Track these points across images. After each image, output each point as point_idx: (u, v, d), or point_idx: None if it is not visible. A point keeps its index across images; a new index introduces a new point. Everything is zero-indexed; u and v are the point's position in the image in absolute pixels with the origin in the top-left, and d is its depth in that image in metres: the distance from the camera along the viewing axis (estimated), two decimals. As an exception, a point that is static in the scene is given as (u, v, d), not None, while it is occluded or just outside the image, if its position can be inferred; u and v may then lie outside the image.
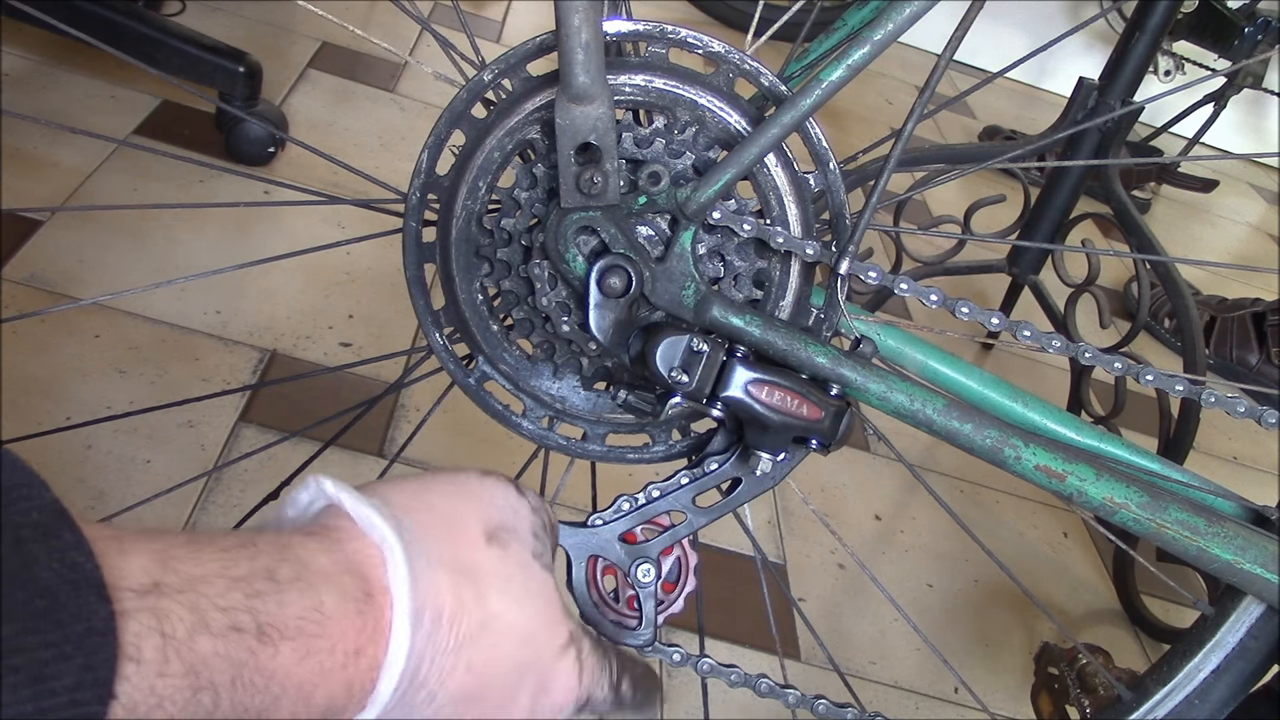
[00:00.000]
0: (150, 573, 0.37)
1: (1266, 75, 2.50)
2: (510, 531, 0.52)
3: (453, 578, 0.47)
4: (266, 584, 0.40)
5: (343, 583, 0.42)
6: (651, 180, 0.61)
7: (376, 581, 0.44)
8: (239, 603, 0.38)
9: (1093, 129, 1.41)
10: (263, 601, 0.39)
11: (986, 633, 1.32)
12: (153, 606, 0.36)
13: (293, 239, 1.53)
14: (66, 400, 1.17)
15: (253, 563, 0.40)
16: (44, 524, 0.34)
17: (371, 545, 0.45)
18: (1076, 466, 0.65)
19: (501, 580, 0.49)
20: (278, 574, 0.40)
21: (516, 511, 0.54)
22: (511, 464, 1.25)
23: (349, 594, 0.42)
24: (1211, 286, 2.25)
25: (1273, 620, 0.70)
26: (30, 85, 1.65)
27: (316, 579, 0.42)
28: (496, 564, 0.50)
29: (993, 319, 0.65)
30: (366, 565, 0.44)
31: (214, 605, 0.37)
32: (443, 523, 0.49)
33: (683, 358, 0.62)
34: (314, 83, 1.94)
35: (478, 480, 0.54)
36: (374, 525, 0.45)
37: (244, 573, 0.39)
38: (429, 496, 0.51)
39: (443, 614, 0.46)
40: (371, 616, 0.43)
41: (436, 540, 0.48)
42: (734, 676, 0.71)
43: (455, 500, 0.51)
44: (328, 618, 0.41)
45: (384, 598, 0.44)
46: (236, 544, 0.41)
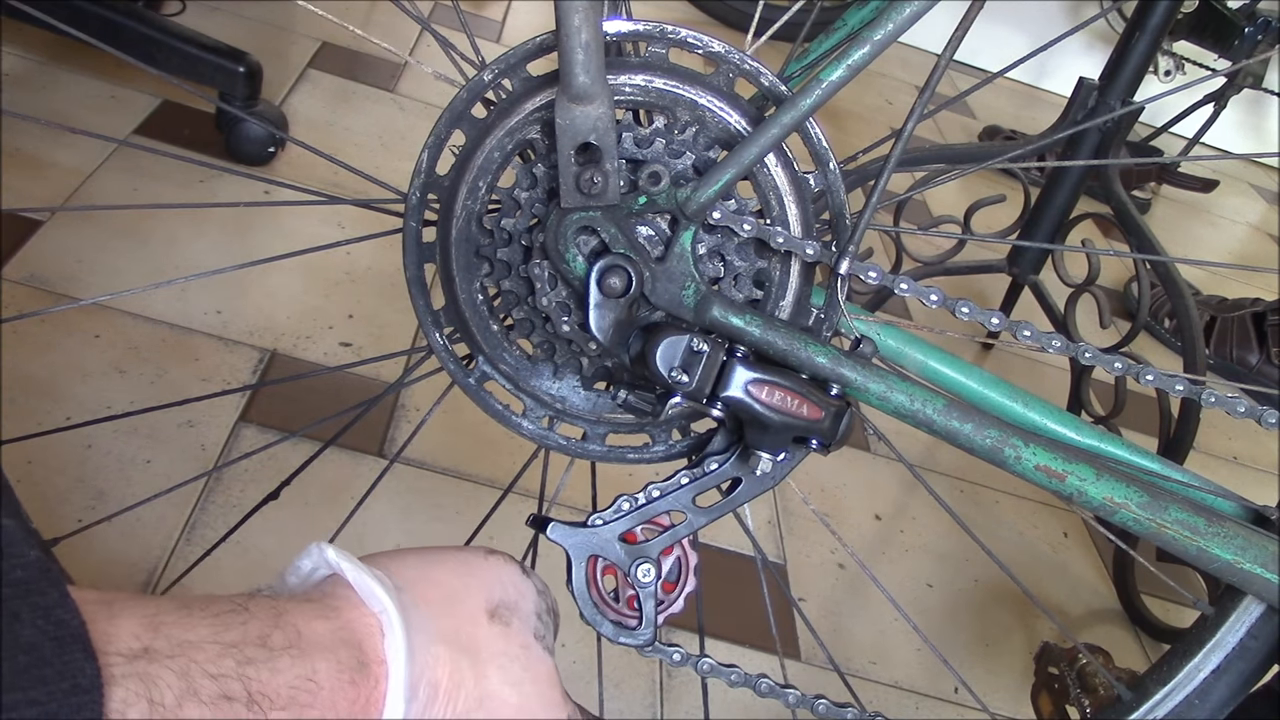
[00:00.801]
0: (140, 637, 0.36)
1: (1266, 75, 2.50)
2: (513, 610, 0.52)
3: (452, 652, 0.47)
4: (259, 650, 0.39)
5: (338, 652, 0.42)
6: (651, 180, 0.61)
7: (373, 652, 0.43)
8: (230, 670, 0.38)
9: (1093, 129, 1.40)
10: (255, 669, 0.39)
11: (986, 633, 1.32)
12: (141, 672, 0.35)
13: (293, 239, 1.53)
14: (66, 400, 1.17)
15: (245, 628, 0.40)
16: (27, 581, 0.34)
17: (370, 615, 0.44)
18: (1076, 466, 0.65)
19: (502, 658, 0.49)
20: (271, 641, 0.40)
21: (520, 591, 0.53)
22: (511, 464, 1.26)
23: (344, 664, 0.42)
24: (1211, 286, 2.25)
25: (1273, 620, 0.70)
26: (30, 85, 1.65)
27: (310, 647, 0.41)
28: (497, 642, 0.49)
29: (993, 319, 0.65)
30: (363, 635, 0.43)
31: (204, 672, 0.37)
32: (445, 597, 0.49)
33: (683, 358, 0.62)
34: (314, 83, 1.94)
35: (482, 558, 0.53)
36: (374, 595, 0.44)
37: (236, 639, 0.39)
38: (432, 571, 0.50)
39: (439, 688, 0.46)
40: (365, 687, 0.42)
41: (437, 614, 0.47)
42: (734, 676, 0.71)
43: (459, 576, 0.51)
44: (320, 687, 0.40)
45: (379, 669, 0.43)
46: (229, 609, 0.40)
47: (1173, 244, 2.56)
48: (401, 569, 0.49)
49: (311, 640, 0.41)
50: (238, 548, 1.07)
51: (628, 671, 1.12)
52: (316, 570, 0.47)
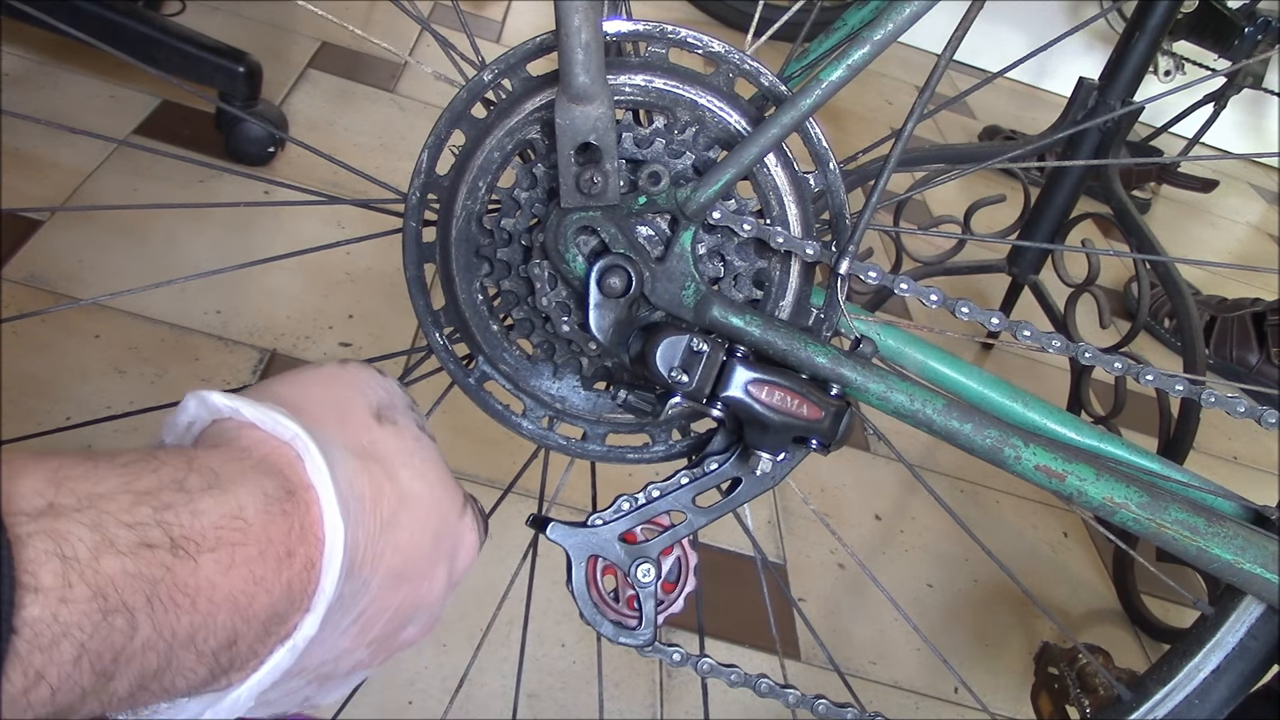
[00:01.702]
0: (44, 494, 0.34)
1: (1266, 75, 2.50)
2: (392, 409, 0.52)
3: (362, 462, 0.46)
4: (176, 495, 0.37)
5: (262, 484, 0.40)
6: (651, 180, 0.61)
7: (297, 479, 0.42)
8: (147, 517, 0.36)
9: (1093, 129, 1.40)
10: (174, 514, 0.37)
11: (986, 633, 1.32)
12: (49, 529, 0.33)
13: (293, 239, 1.53)
14: (66, 400, 1.17)
15: (157, 475, 0.38)
16: None
17: (282, 445, 0.43)
18: (1076, 466, 0.65)
19: (403, 456, 0.49)
20: (187, 484, 0.38)
21: (389, 390, 0.54)
22: (511, 464, 1.26)
23: (270, 495, 0.40)
24: (1211, 286, 2.25)
25: (1273, 620, 0.70)
26: (30, 85, 1.65)
27: (231, 484, 0.39)
28: (394, 441, 0.50)
29: (993, 319, 0.65)
30: (283, 464, 0.42)
31: (119, 521, 0.35)
32: (333, 413, 0.48)
33: (683, 358, 0.62)
34: (314, 83, 1.94)
35: (341, 368, 0.53)
36: (281, 424, 0.43)
37: (149, 486, 0.37)
38: (310, 391, 0.50)
39: (364, 498, 0.45)
40: (297, 515, 0.41)
41: (335, 429, 0.47)
42: (734, 676, 0.71)
43: (334, 390, 0.51)
44: (249, 523, 0.39)
45: (307, 494, 0.42)
46: (137, 459, 0.38)
47: (1173, 244, 2.56)
48: (282, 395, 0.48)
49: (230, 478, 0.40)
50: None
51: (628, 671, 1.12)
52: (196, 422, 0.45)
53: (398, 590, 0.48)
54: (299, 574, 0.41)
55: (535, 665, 1.08)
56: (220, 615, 0.38)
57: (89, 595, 0.33)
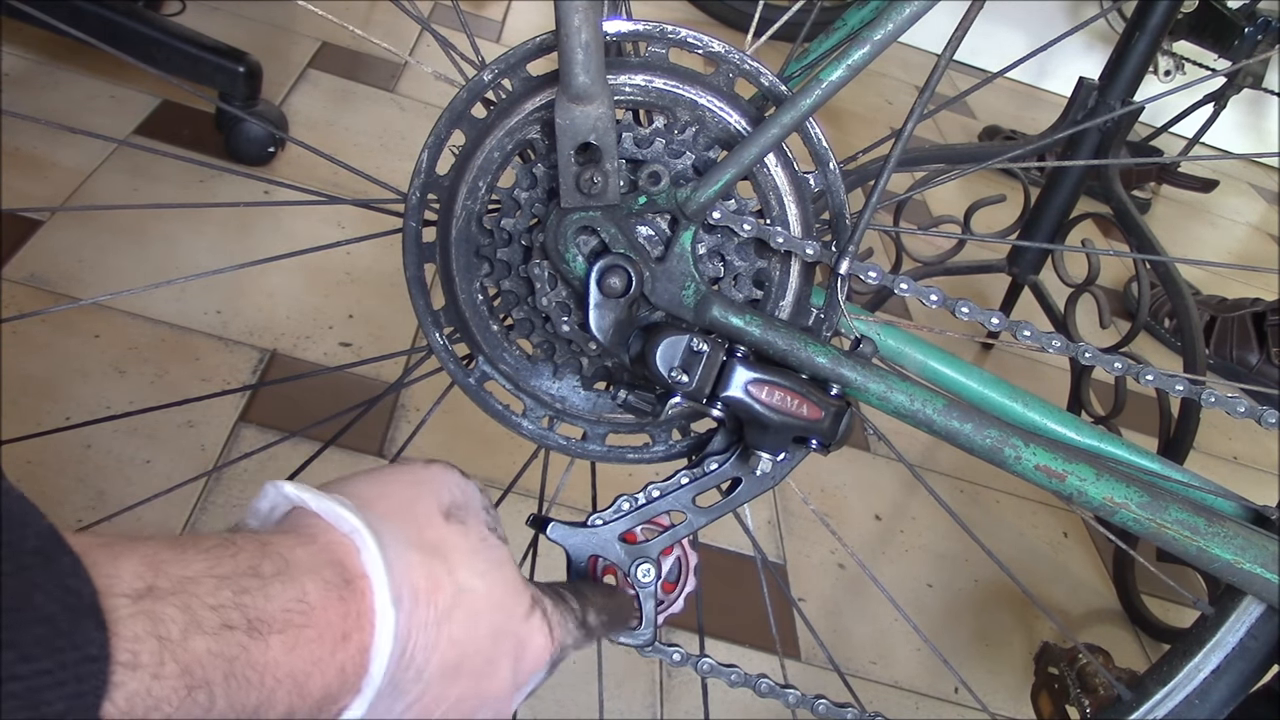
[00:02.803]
0: (143, 577, 0.37)
1: (1266, 75, 2.50)
2: (464, 508, 0.54)
3: (423, 556, 0.49)
4: (252, 580, 0.41)
5: (323, 573, 0.44)
6: (651, 180, 0.61)
7: (354, 569, 0.45)
8: (228, 600, 0.39)
9: (1093, 129, 1.40)
10: (251, 597, 0.40)
11: (986, 633, 1.32)
12: (148, 610, 0.36)
13: (293, 239, 1.53)
14: (66, 400, 1.17)
15: (236, 561, 0.41)
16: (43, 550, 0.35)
17: (342, 536, 0.46)
18: (1076, 466, 0.65)
19: (467, 554, 0.51)
20: (261, 569, 0.42)
21: (466, 491, 0.56)
22: (511, 464, 1.26)
23: (330, 583, 0.44)
24: (1211, 286, 2.25)
25: (1273, 620, 0.70)
26: (30, 85, 1.65)
27: (298, 571, 0.43)
28: (459, 539, 0.52)
29: (993, 319, 0.65)
30: (342, 555, 0.45)
31: (205, 604, 0.38)
32: (403, 507, 0.51)
33: (683, 358, 0.62)
34: (314, 83, 1.94)
35: (423, 467, 0.56)
36: (341, 517, 0.46)
37: (229, 571, 0.40)
38: (384, 487, 0.53)
39: (419, 591, 0.48)
40: (354, 602, 0.44)
41: (401, 523, 0.50)
42: (734, 676, 0.71)
43: (409, 487, 0.53)
44: (313, 607, 0.42)
45: (363, 583, 0.45)
46: (217, 544, 0.42)
47: (1173, 244, 2.56)
48: (356, 490, 0.51)
49: (297, 565, 0.43)
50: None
51: (628, 671, 1.12)
52: (276, 509, 0.48)
53: (454, 683, 0.50)
54: (352, 657, 0.44)
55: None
56: (281, 692, 0.41)
57: (178, 672, 0.36)
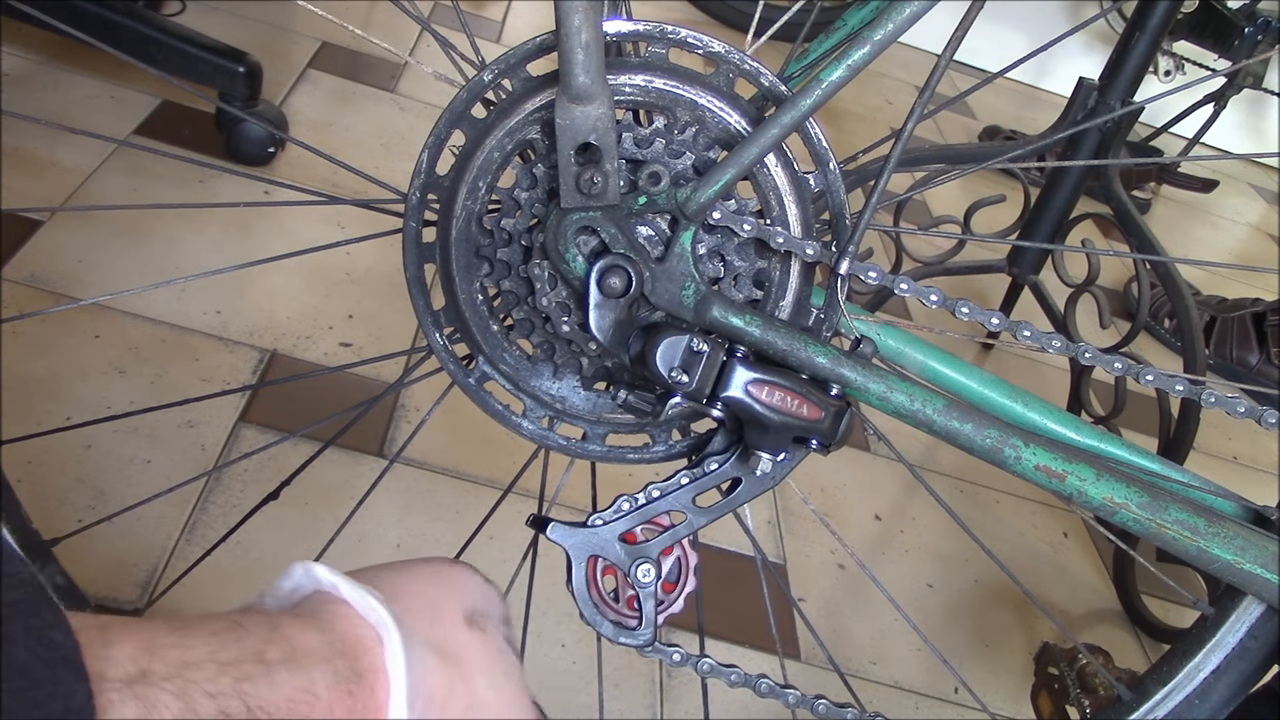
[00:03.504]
0: (137, 661, 0.36)
1: (1266, 75, 2.50)
2: (486, 616, 0.54)
3: (441, 660, 0.48)
4: (255, 666, 0.40)
5: (333, 663, 0.43)
6: (651, 180, 0.61)
7: (368, 662, 0.44)
8: (228, 687, 0.38)
9: (1093, 129, 1.40)
10: (253, 684, 0.39)
11: (986, 633, 1.32)
12: (140, 695, 0.35)
13: (293, 239, 1.53)
14: (66, 400, 1.17)
15: (240, 645, 0.40)
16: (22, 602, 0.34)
17: (365, 627, 0.45)
18: (1076, 466, 0.65)
19: (485, 664, 0.51)
20: (267, 655, 0.41)
21: (488, 598, 0.56)
22: (511, 464, 1.26)
23: (339, 674, 0.42)
24: (1211, 286, 2.25)
25: (1273, 620, 0.70)
26: (30, 85, 1.65)
27: (306, 660, 0.42)
28: (478, 648, 0.51)
29: (993, 319, 0.65)
30: (358, 647, 0.44)
31: (203, 691, 0.37)
32: (427, 607, 0.50)
33: (683, 358, 0.62)
34: (314, 83, 1.94)
35: (448, 567, 0.55)
36: (371, 608, 0.45)
37: (232, 656, 0.39)
38: (410, 583, 0.52)
39: (434, 697, 0.47)
40: (362, 697, 0.43)
41: (424, 624, 0.49)
42: (734, 676, 0.71)
43: (434, 586, 0.53)
44: (318, 698, 0.41)
45: (375, 678, 0.44)
46: (224, 627, 0.41)
47: (1173, 244, 2.56)
48: (381, 583, 0.50)
49: (307, 652, 0.42)
50: (238, 548, 1.07)
51: (628, 671, 1.12)
52: (299, 589, 0.47)
53: None
54: None
55: (535, 665, 1.08)
56: None
57: None
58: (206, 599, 1.00)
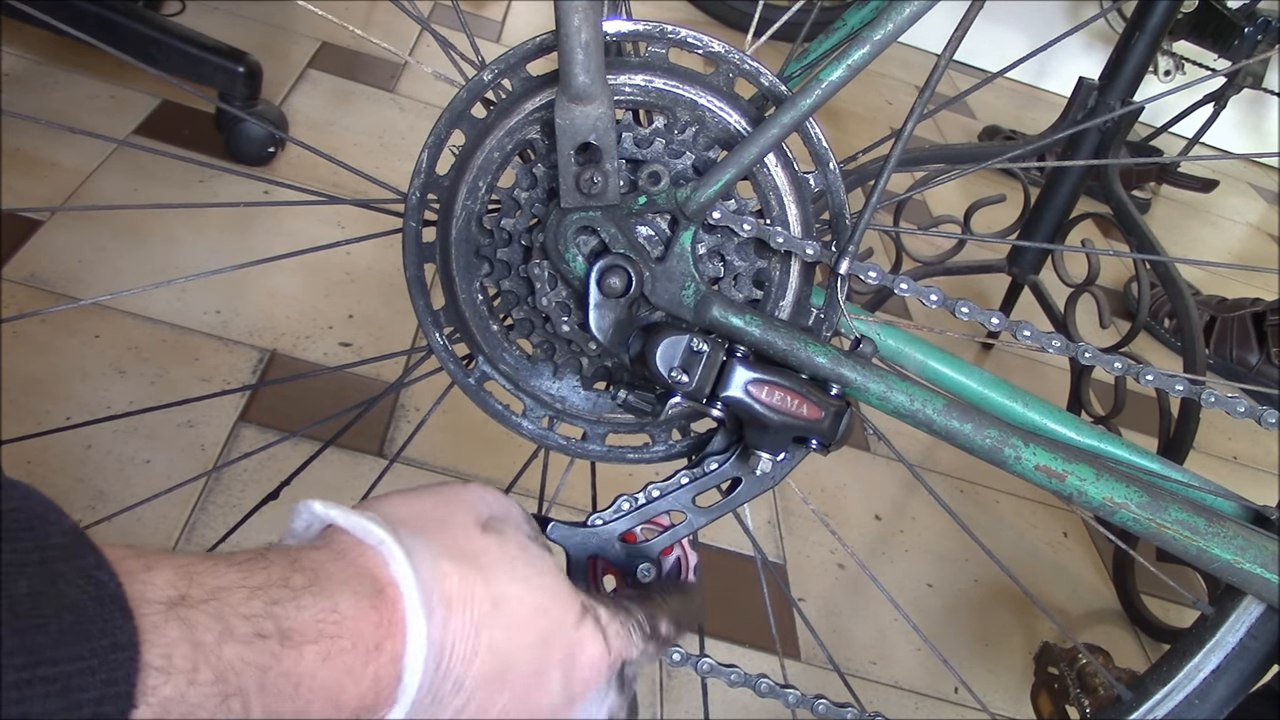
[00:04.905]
0: (176, 585, 0.38)
1: (1266, 75, 2.50)
2: (503, 520, 0.55)
3: (456, 565, 0.49)
4: (283, 591, 0.42)
5: (354, 583, 0.44)
6: (651, 180, 0.61)
7: (385, 579, 0.45)
8: (260, 610, 0.40)
9: (1093, 129, 1.40)
10: (283, 607, 0.41)
11: (986, 633, 1.32)
12: (182, 616, 0.37)
13: (293, 239, 1.53)
14: (66, 400, 1.17)
15: (268, 572, 0.42)
16: (67, 545, 0.35)
17: (371, 549, 0.46)
18: (1076, 466, 0.65)
19: (505, 561, 0.51)
20: (292, 581, 0.42)
21: (505, 505, 0.57)
22: (511, 464, 1.26)
23: (361, 593, 0.44)
24: (1211, 286, 2.25)
25: (1273, 620, 0.70)
26: (30, 85, 1.65)
27: (329, 582, 0.43)
28: (496, 548, 0.52)
29: (993, 319, 0.65)
30: (373, 566, 0.46)
31: (238, 613, 0.39)
32: (436, 521, 0.51)
33: (683, 358, 0.62)
34: (314, 83, 1.94)
35: (461, 486, 0.56)
36: (368, 530, 0.47)
37: (261, 582, 0.41)
38: (418, 504, 0.53)
39: (453, 599, 0.48)
40: (385, 611, 0.44)
41: (433, 535, 0.50)
42: (734, 676, 0.71)
43: (444, 504, 0.54)
44: (345, 617, 0.43)
45: (394, 591, 0.45)
46: (249, 558, 0.42)
47: (1173, 244, 2.56)
48: (388, 507, 0.52)
49: (329, 577, 0.44)
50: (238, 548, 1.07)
51: (628, 671, 1.12)
52: (310, 526, 0.49)
53: (499, 693, 0.50)
54: (385, 667, 0.44)
55: (535, 665, 1.08)
56: (316, 703, 0.41)
57: (213, 679, 0.37)
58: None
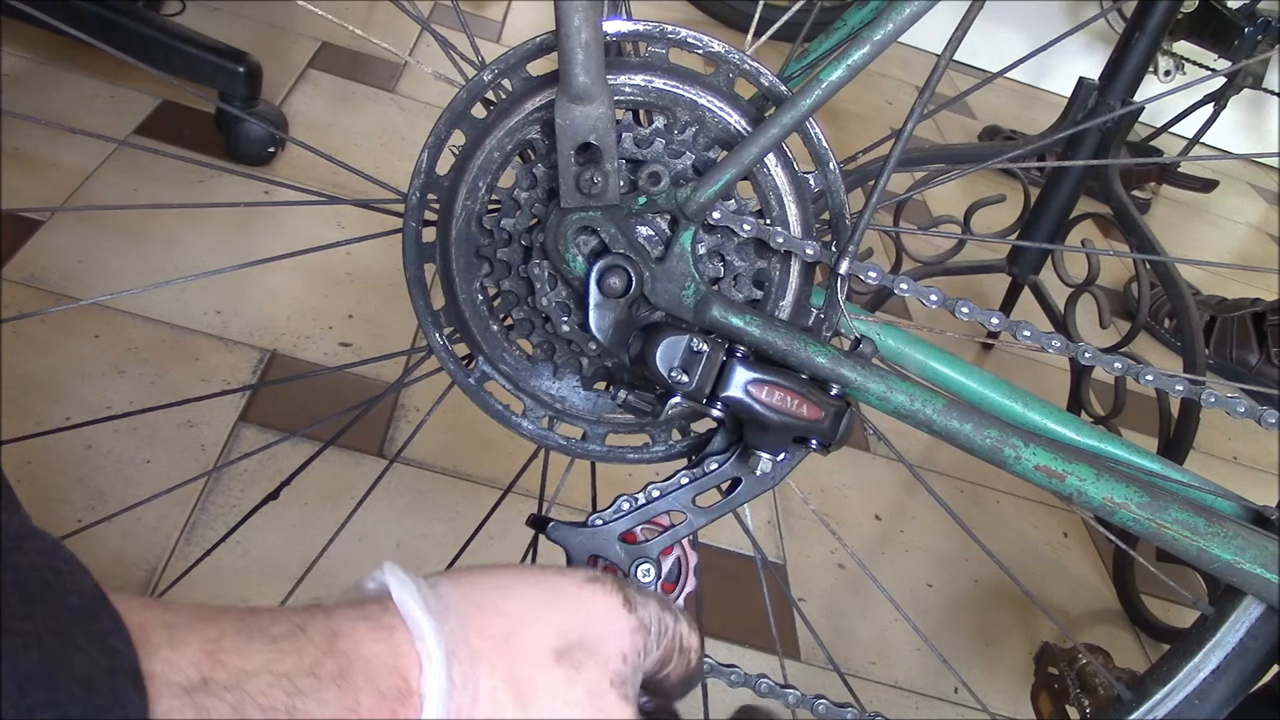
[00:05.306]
0: (200, 667, 0.37)
1: (1266, 75, 2.50)
2: (590, 651, 0.46)
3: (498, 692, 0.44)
4: (309, 681, 0.40)
5: (382, 682, 0.41)
6: (651, 180, 0.61)
7: (414, 683, 0.42)
8: (279, 702, 0.38)
9: (1093, 129, 1.40)
10: (304, 700, 0.39)
11: (986, 633, 1.32)
12: (199, 704, 0.36)
13: (293, 239, 1.53)
14: (66, 400, 1.17)
15: (299, 656, 0.40)
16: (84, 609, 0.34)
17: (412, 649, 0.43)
18: (1076, 466, 0.65)
19: (559, 703, 0.45)
20: (322, 670, 0.40)
21: (610, 629, 0.48)
22: (511, 464, 1.26)
23: (385, 694, 0.41)
24: (1211, 286, 2.25)
25: (1273, 620, 0.70)
26: (30, 85, 1.65)
27: (358, 676, 0.41)
28: (559, 687, 0.45)
29: (993, 319, 0.65)
30: (406, 665, 0.42)
31: (255, 704, 0.38)
32: (508, 631, 0.45)
33: (683, 358, 0.62)
34: (314, 83, 1.93)
35: (576, 586, 0.48)
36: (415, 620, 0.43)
37: (290, 668, 0.39)
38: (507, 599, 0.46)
39: None
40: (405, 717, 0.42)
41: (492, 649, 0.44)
42: (734, 676, 0.71)
43: (535, 606, 0.47)
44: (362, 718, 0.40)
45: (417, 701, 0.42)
46: (287, 633, 0.40)
47: (1173, 244, 2.56)
48: (474, 590, 0.46)
49: (360, 667, 0.41)
50: (238, 548, 1.07)
51: (628, 671, 1.12)
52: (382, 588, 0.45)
53: None
54: None
55: (535, 665, 1.08)
56: None
57: None
58: (206, 599, 1.00)
